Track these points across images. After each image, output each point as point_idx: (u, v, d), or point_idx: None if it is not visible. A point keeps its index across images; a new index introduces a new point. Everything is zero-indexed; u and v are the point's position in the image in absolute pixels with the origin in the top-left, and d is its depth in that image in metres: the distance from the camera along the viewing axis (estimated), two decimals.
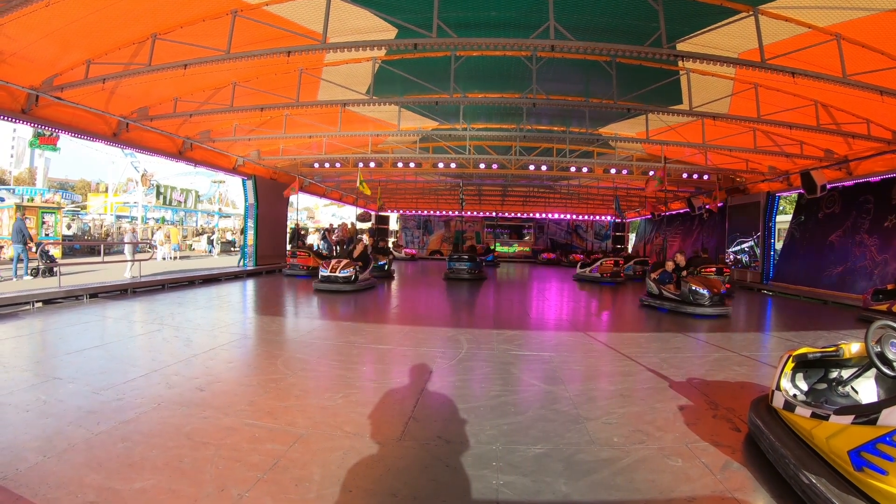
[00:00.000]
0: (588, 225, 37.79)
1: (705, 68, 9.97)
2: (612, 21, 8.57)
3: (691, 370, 5.97)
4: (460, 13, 8.53)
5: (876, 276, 13.43)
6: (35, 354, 6.16)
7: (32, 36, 8.04)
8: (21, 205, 22.38)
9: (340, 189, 27.61)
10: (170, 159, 15.39)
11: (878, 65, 8.21)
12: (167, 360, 5.74)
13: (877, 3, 7.07)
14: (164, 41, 8.55)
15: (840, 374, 3.59)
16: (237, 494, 2.89)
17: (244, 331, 8.02)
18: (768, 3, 7.62)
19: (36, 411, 4.02)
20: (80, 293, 10.16)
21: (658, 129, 14.13)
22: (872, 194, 14.52)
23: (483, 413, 4.37)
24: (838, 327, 9.47)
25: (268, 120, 14.23)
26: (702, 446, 3.72)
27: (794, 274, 16.90)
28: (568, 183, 24.91)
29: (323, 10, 7.71)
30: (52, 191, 34.48)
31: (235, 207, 53.91)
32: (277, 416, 4.15)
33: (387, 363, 6.17)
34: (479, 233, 36.98)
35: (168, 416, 4.04)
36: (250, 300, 11.82)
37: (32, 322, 7.91)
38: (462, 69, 10.48)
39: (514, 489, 3.08)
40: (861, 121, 11.19)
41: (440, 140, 17.35)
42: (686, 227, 27.04)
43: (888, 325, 2.91)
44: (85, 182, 67.42)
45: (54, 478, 2.99)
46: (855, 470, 2.54)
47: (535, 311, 11.39)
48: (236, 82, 11.14)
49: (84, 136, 11.77)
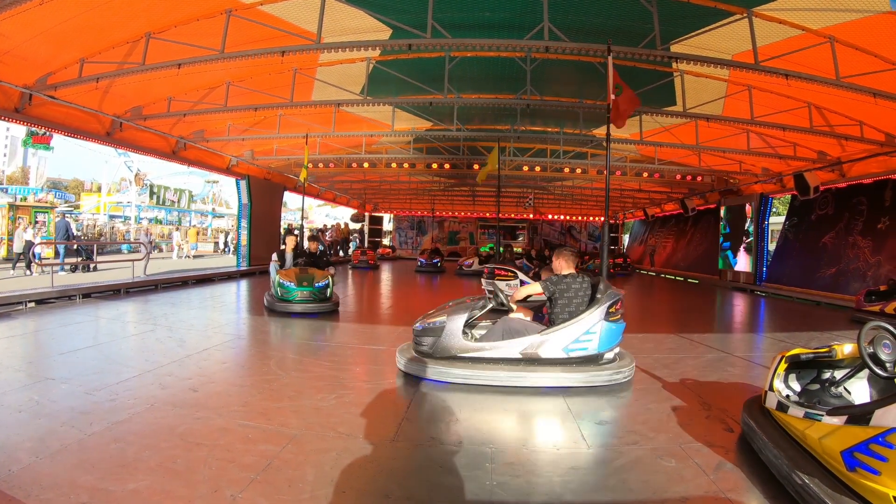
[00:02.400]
0: (582, 226, 37.82)
1: (699, 70, 10.01)
2: (607, 22, 8.58)
3: (685, 371, 5.99)
4: (455, 14, 8.53)
5: (869, 277, 13.50)
6: (28, 355, 6.13)
7: (26, 34, 7.99)
8: (14, 204, 22.28)
9: (334, 189, 27.57)
10: (163, 159, 15.35)
11: (871, 67, 8.25)
12: (161, 361, 5.71)
13: (870, 6, 7.11)
14: (159, 40, 8.51)
15: (833, 374, 3.60)
16: (230, 495, 2.88)
17: (238, 331, 8.00)
18: (762, 5, 7.65)
19: (29, 412, 3.99)
20: (73, 293, 10.10)
21: (652, 131, 14.17)
22: (865, 196, 14.61)
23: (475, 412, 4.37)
24: (831, 328, 9.52)
25: (262, 120, 14.19)
26: (695, 447, 3.73)
27: (787, 275, 16.97)
28: (562, 184, 24.92)
29: (317, 10, 7.69)
30: (45, 190, 34.35)
31: (229, 207, 53.75)
32: (271, 416, 4.14)
33: (380, 364, 6.16)
34: (472, 234, 36.98)
35: (161, 416, 4.02)
36: (244, 300, 11.79)
37: (25, 322, 7.86)
38: (456, 70, 10.48)
39: (508, 489, 3.08)
40: (854, 123, 11.25)
41: (434, 140, 17.34)
42: (679, 228, 27.15)
43: (881, 327, 2.92)
44: (78, 181, 67.12)
45: (47, 479, 2.96)
46: (848, 470, 2.55)
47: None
48: (230, 82, 11.10)
49: (77, 135, 11.71)
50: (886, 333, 2.88)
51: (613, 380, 5.19)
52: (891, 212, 13.65)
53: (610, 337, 5.23)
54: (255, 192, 18.89)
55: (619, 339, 5.39)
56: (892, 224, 13.48)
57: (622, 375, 5.25)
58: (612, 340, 5.27)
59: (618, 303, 5.32)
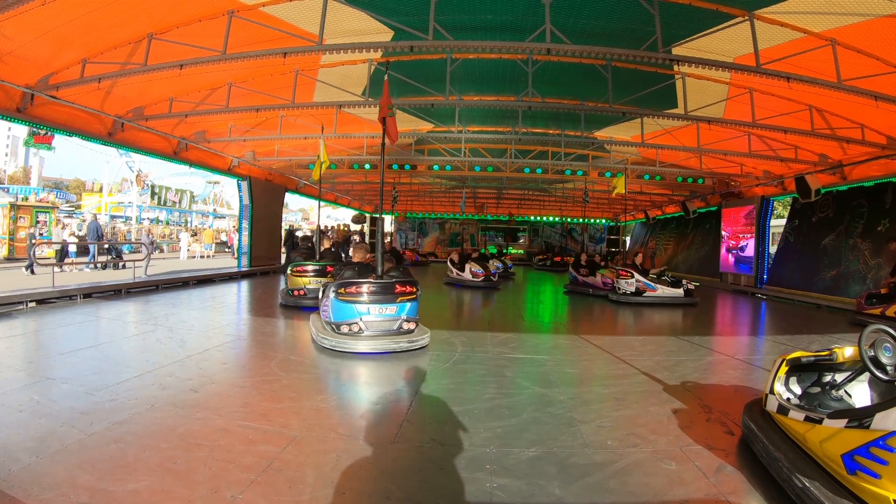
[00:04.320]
0: (583, 228, 37.79)
1: (701, 72, 10.02)
2: (608, 25, 8.58)
3: (685, 373, 5.98)
4: (457, 16, 8.53)
5: (869, 279, 13.50)
6: (28, 354, 6.14)
7: (28, 35, 8.00)
8: (15, 204, 22.30)
9: (335, 191, 27.56)
10: (165, 159, 15.35)
11: (872, 70, 8.25)
12: (161, 361, 5.71)
13: (872, 9, 7.11)
14: (161, 41, 8.52)
15: (833, 377, 3.60)
16: (231, 496, 2.88)
17: (238, 332, 8.01)
18: (764, 8, 7.65)
19: (29, 412, 4.00)
20: (74, 293, 10.12)
21: (653, 133, 14.16)
22: (866, 199, 14.60)
23: (477, 415, 4.37)
24: (832, 331, 9.51)
25: (263, 121, 14.20)
26: (696, 449, 3.73)
27: (788, 278, 16.96)
28: (563, 186, 24.92)
29: (319, 11, 7.69)
30: (46, 190, 34.38)
31: (230, 208, 53.77)
32: (271, 417, 4.14)
33: (380, 365, 6.16)
34: (473, 235, 36.97)
35: (162, 417, 4.02)
36: (245, 301, 11.80)
37: (26, 322, 7.87)
38: (458, 72, 10.49)
39: (508, 492, 3.08)
40: (856, 126, 11.24)
41: (436, 142, 17.34)
42: (680, 230, 27.12)
43: (882, 330, 2.92)
44: (79, 181, 67.20)
45: (47, 479, 2.97)
46: (848, 473, 2.54)
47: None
48: (232, 83, 11.11)
49: (79, 135, 11.72)
50: (887, 336, 2.87)
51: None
52: (891, 214, 13.65)
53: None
54: (257, 192, 18.91)
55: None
56: (892, 227, 13.48)
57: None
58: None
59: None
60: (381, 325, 6.76)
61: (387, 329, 6.78)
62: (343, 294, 6.70)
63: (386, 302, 6.78)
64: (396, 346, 6.56)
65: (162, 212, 46.38)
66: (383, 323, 6.77)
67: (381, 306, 6.75)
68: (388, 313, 6.79)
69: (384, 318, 6.78)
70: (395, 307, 6.81)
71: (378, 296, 6.77)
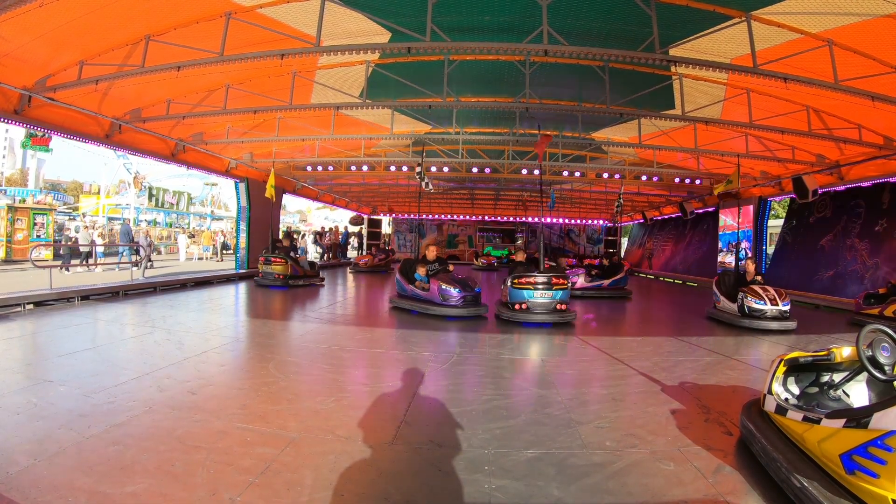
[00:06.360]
0: (580, 229, 37.81)
1: (698, 73, 10.04)
2: (606, 26, 8.59)
3: (683, 374, 5.99)
4: (454, 17, 8.54)
5: (867, 279, 13.53)
6: (26, 357, 6.11)
7: (26, 37, 7.99)
8: (12, 206, 22.26)
9: (333, 192, 27.55)
10: (162, 161, 15.33)
11: (869, 70, 8.27)
12: (159, 363, 5.70)
13: (868, 10, 7.13)
14: (158, 43, 8.51)
15: (831, 377, 3.60)
16: (229, 498, 2.88)
17: (236, 334, 7.99)
18: (761, 9, 7.66)
19: (27, 414, 3.98)
20: (72, 295, 10.09)
21: (651, 134, 14.18)
22: (863, 199, 14.65)
23: (475, 417, 4.37)
24: (830, 331, 9.52)
25: (261, 123, 14.20)
26: (694, 450, 3.73)
27: (785, 278, 16.97)
28: (560, 187, 24.94)
29: (317, 13, 7.69)
30: (43, 192, 34.31)
31: (228, 210, 53.69)
32: (269, 419, 4.14)
33: (379, 367, 6.16)
34: (471, 237, 36.97)
35: (160, 419, 4.01)
36: (242, 303, 11.78)
37: (23, 324, 7.85)
38: (455, 73, 10.49)
39: (507, 493, 3.08)
40: (853, 126, 11.28)
41: (433, 144, 17.35)
42: (678, 231, 27.16)
43: (880, 330, 2.92)
44: (77, 183, 67.04)
45: (45, 481, 2.96)
46: (846, 473, 2.55)
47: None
48: (229, 84, 11.11)
49: (76, 137, 11.69)
50: (885, 336, 2.88)
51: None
52: (888, 214, 13.70)
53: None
54: (255, 194, 18.87)
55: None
56: (889, 227, 13.52)
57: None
58: None
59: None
60: (543, 305, 9.38)
61: (547, 307, 9.38)
62: (517, 284, 9.43)
63: (546, 289, 9.39)
64: (555, 319, 9.31)
65: (160, 213, 46.30)
66: (544, 304, 9.39)
67: (542, 292, 9.38)
68: (547, 297, 9.40)
69: (545, 301, 9.39)
70: (551, 293, 9.41)
71: (541, 285, 9.39)
